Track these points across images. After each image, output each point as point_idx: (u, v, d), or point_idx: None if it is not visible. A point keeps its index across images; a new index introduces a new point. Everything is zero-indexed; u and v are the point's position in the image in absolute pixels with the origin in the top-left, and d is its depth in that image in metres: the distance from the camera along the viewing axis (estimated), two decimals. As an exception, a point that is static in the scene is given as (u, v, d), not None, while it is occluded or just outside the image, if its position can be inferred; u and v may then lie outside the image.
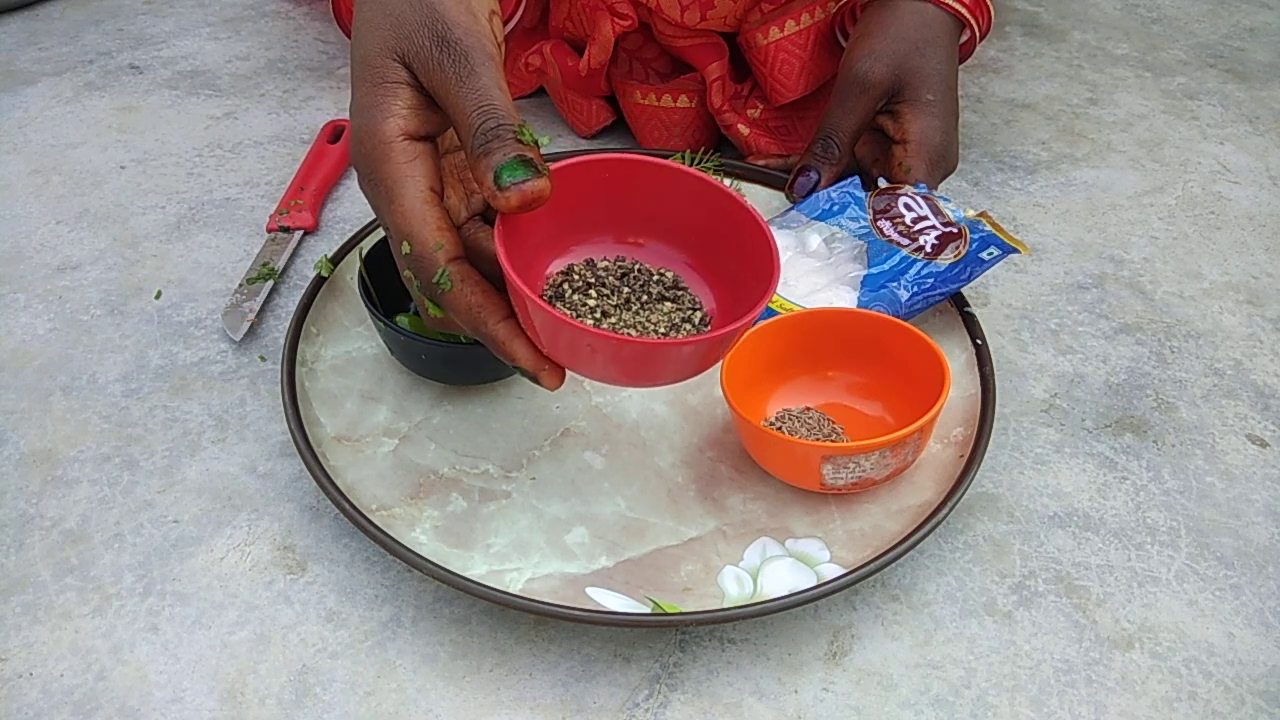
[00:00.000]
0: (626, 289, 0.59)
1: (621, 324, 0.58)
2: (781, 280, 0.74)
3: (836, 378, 0.71)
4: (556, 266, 0.60)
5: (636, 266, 0.60)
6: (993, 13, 0.85)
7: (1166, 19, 1.19)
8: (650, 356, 0.54)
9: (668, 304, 0.59)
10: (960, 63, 0.84)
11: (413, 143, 0.56)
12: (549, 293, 0.58)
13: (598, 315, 0.58)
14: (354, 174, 0.91)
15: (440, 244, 0.54)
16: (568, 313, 0.57)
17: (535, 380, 0.55)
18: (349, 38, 0.60)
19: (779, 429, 0.67)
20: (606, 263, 0.60)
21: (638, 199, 0.60)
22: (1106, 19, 1.19)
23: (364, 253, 0.72)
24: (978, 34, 0.85)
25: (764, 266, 0.56)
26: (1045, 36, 1.16)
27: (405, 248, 0.54)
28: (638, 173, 0.59)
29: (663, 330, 0.58)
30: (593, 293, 0.59)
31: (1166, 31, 1.17)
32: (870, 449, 0.62)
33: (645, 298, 0.59)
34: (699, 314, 0.59)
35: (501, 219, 0.54)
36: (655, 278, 0.60)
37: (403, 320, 0.72)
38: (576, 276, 0.59)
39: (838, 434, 0.68)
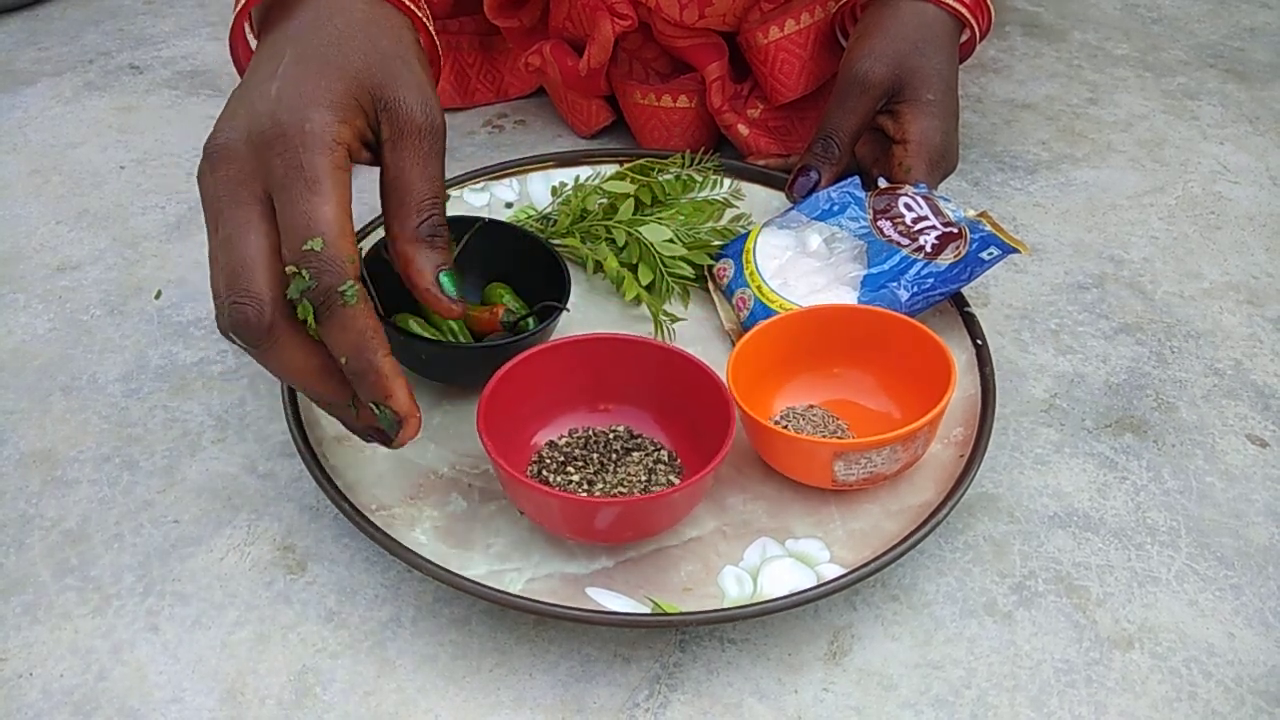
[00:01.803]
0: (596, 455, 0.65)
1: (607, 486, 0.64)
2: (781, 280, 0.74)
3: (841, 374, 0.71)
4: (539, 439, 0.67)
5: (591, 431, 0.67)
6: (993, 12, 0.85)
7: (1167, 19, 1.19)
8: (678, 501, 0.60)
9: (636, 453, 0.66)
10: (960, 62, 0.84)
11: (348, 158, 0.54)
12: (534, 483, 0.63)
13: (585, 486, 0.64)
14: (353, 174, 0.91)
15: (354, 258, 0.52)
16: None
17: (392, 428, 0.54)
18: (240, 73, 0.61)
19: (785, 427, 0.67)
20: (566, 438, 0.67)
21: (595, 372, 0.67)
22: (1107, 19, 1.19)
23: (362, 253, 0.72)
24: (978, 34, 0.85)
25: (720, 404, 0.63)
26: (1045, 36, 1.16)
27: (316, 244, 0.51)
28: (593, 350, 0.66)
29: (643, 477, 0.64)
30: (570, 469, 0.65)
31: (1167, 31, 1.17)
32: (881, 444, 0.62)
33: (614, 455, 0.66)
34: (664, 451, 0.66)
35: (484, 420, 0.59)
36: (611, 435, 0.67)
37: (405, 321, 0.72)
38: (548, 459, 0.65)
39: (843, 431, 0.68)
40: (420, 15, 0.61)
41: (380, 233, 0.76)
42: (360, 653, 0.59)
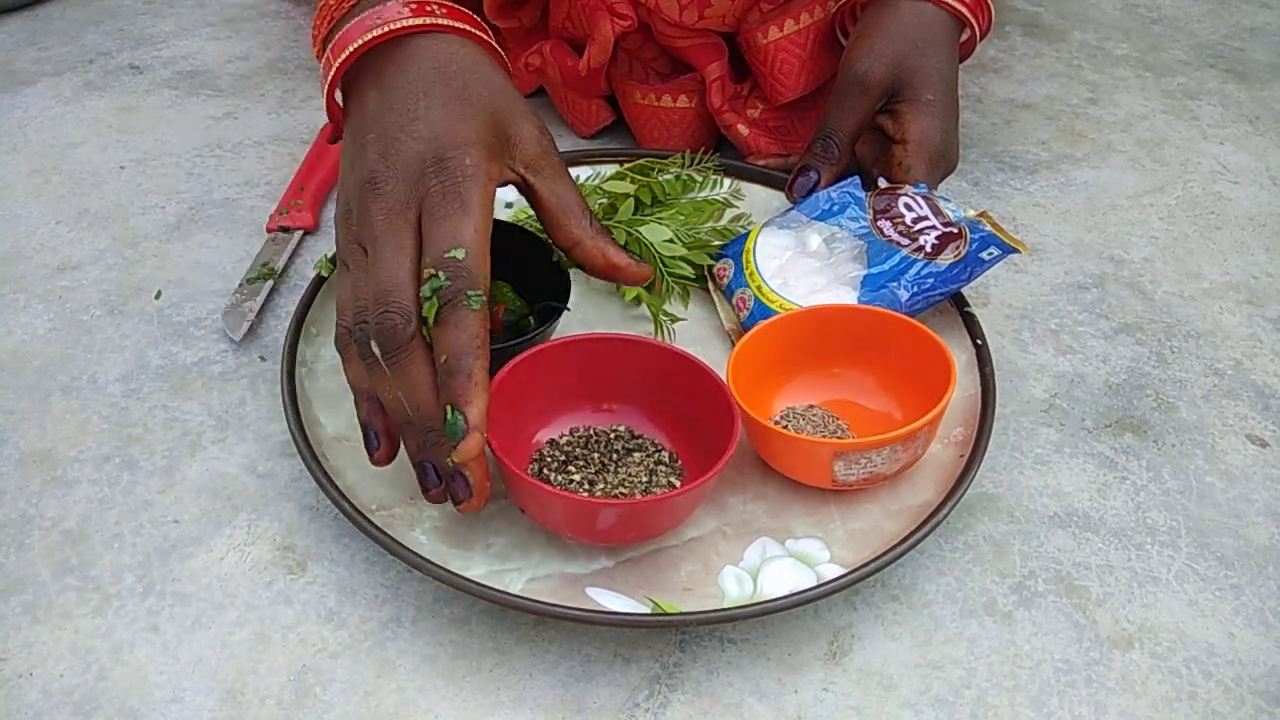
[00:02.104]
0: (596, 454, 0.66)
1: (609, 487, 0.64)
2: (781, 280, 0.74)
3: (841, 374, 0.71)
4: (540, 438, 0.67)
5: (592, 430, 0.67)
6: (993, 12, 0.85)
7: (1167, 19, 1.19)
8: (680, 504, 0.60)
9: (637, 454, 0.66)
10: (960, 62, 0.84)
11: (494, 191, 0.61)
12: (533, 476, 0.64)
13: (586, 486, 0.64)
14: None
15: (486, 275, 0.58)
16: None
17: (455, 436, 0.56)
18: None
19: (785, 427, 0.67)
20: (567, 436, 0.67)
21: (596, 372, 0.67)
22: (1107, 19, 1.19)
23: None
24: (978, 33, 0.85)
25: (722, 406, 0.63)
26: (1045, 36, 1.16)
27: (458, 254, 0.57)
28: (594, 349, 0.67)
29: (644, 478, 0.64)
30: (571, 468, 0.65)
31: (1167, 31, 1.17)
32: (881, 444, 0.62)
33: (615, 455, 0.66)
34: (665, 453, 0.66)
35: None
36: (613, 434, 0.67)
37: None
38: (549, 458, 0.66)
39: (843, 430, 0.68)
40: (499, 50, 0.68)
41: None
42: (360, 653, 0.59)
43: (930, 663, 0.60)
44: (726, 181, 0.85)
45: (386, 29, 0.63)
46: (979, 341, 0.73)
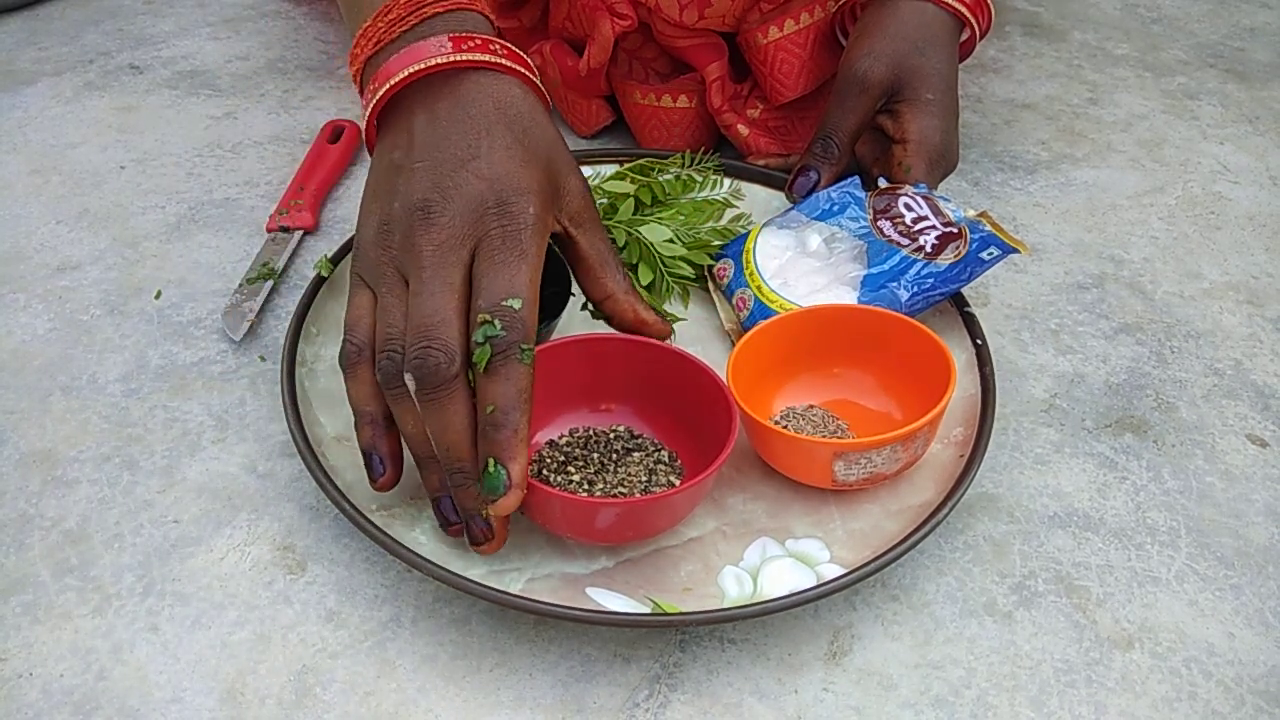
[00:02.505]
0: (596, 454, 0.66)
1: (608, 486, 0.64)
2: (781, 280, 0.74)
3: (841, 374, 0.71)
4: (539, 438, 0.67)
5: (592, 431, 0.67)
6: (993, 12, 0.85)
7: (1167, 19, 1.19)
8: (678, 502, 0.60)
9: (636, 454, 0.66)
10: (960, 62, 0.84)
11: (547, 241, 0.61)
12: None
13: (586, 486, 0.64)
14: (353, 175, 0.92)
15: (535, 328, 0.58)
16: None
17: (495, 491, 0.56)
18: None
19: (785, 427, 0.67)
20: (566, 437, 0.67)
21: (595, 372, 0.67)
22: (1107, 19, 1.19)
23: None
24: (978, 33, 0.85)
25: (721, 405, 0.63)
26: (1045, 36, 1.16)
27: (515, 304, 0.56)
28: (594, 349, 0.66)
29: (644, 478, 0.64)
30: (570, 469, 0.65)
31: (1167, 31, 1.17)
32: (881, 444, 0.62)
33: (614, 455, 0.66)
34: (665, 452, 0.66)
35: None
36: (612, 435, 0.67)
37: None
38: (548, 459, 0.65)
39: (843, 430, 0.68)
40: (546, 94, 0.66)
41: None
42: (360, 653, 0.59)
43: (930, 663, 0.60)
44: (726, 181, 0.85)
45: (448, 59, 0.61)
46: (979, 341, 0.73)
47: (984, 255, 0.73)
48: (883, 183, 0.78)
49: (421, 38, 0.62)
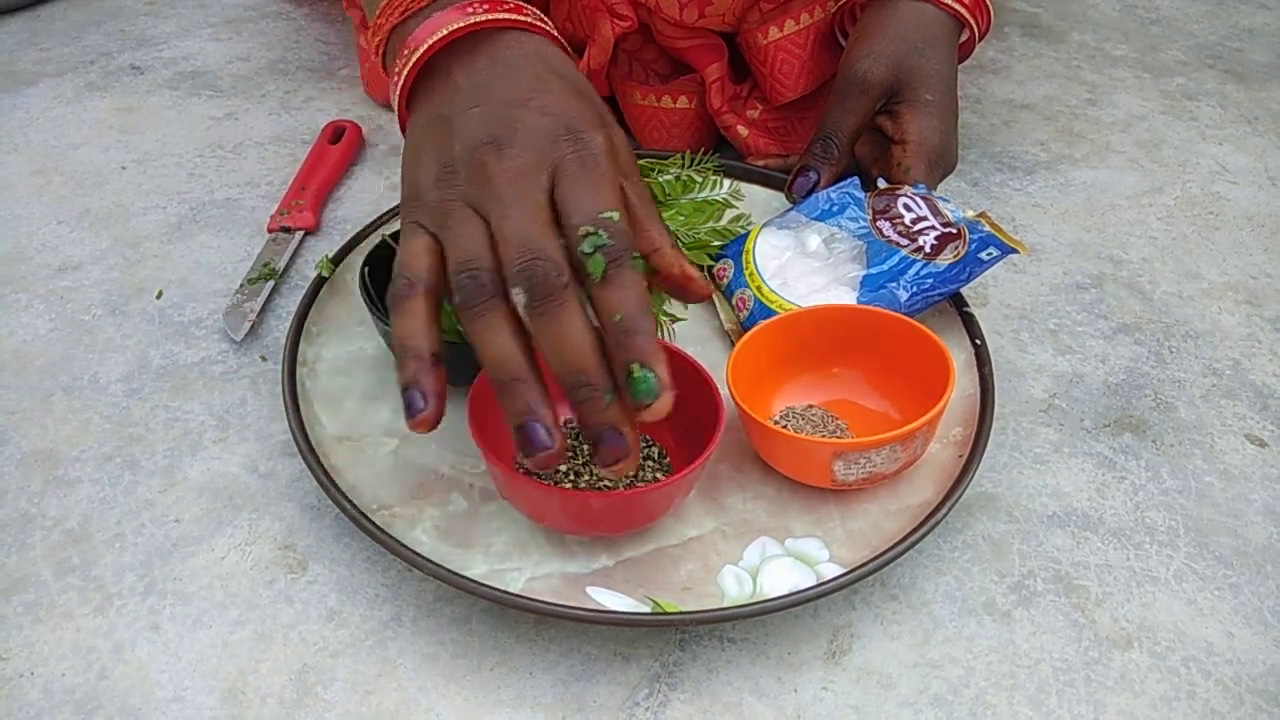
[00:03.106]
0: (586, 447, 0.66)
1: (594, 479, 0.64)
2: (781, 280, 0.74)
3: (840, 374, 0.71)
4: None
5: None
6: (992, 13, 0.85)
7: (1165, 20, 1.20)
8: (656, 498, 0.61)
9: None
10: (960, 63, 0.85)
11: None
12: (520, 471, 0.63)
13: (571, 478, 0.64)
14: (354, 176, 0.92)
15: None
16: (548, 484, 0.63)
17: (650, 395, 0.53)
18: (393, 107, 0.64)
19: (784, 427, 0.67)
20: None
21: None
22: (1105, 20, 1.19)
23: (366, 253, 0.72)
24: (977, 34, 0.85)
25: (710, 404, 0.63)
26: (1044, 37, 1.16)
27: (613, 215, 0.54)
28: None
29: (630, 473, 0.63)
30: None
31: (1165, 32, 1.17)
32: (881, 444, 0.62)
33: None
34: (655, 449, 0.67)
35: (471, 405, 0.61)
36: None
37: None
38: None
39: (842, 430, 0.68)
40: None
41: (378, 236, 0.76)
42: (361, 652, 0.60)
43: (929, 662, 0.60)
44: (726, 182, 0.86)
45: (487, 17, 0.60)
46: (978, 341, 0.73)
47: (983, 255, 0.73)
48: (882, 183, 0.78)
49: (451, 3, 0.61)
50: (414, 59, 0.61)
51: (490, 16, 0.60)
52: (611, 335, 0.53)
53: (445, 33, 0.60)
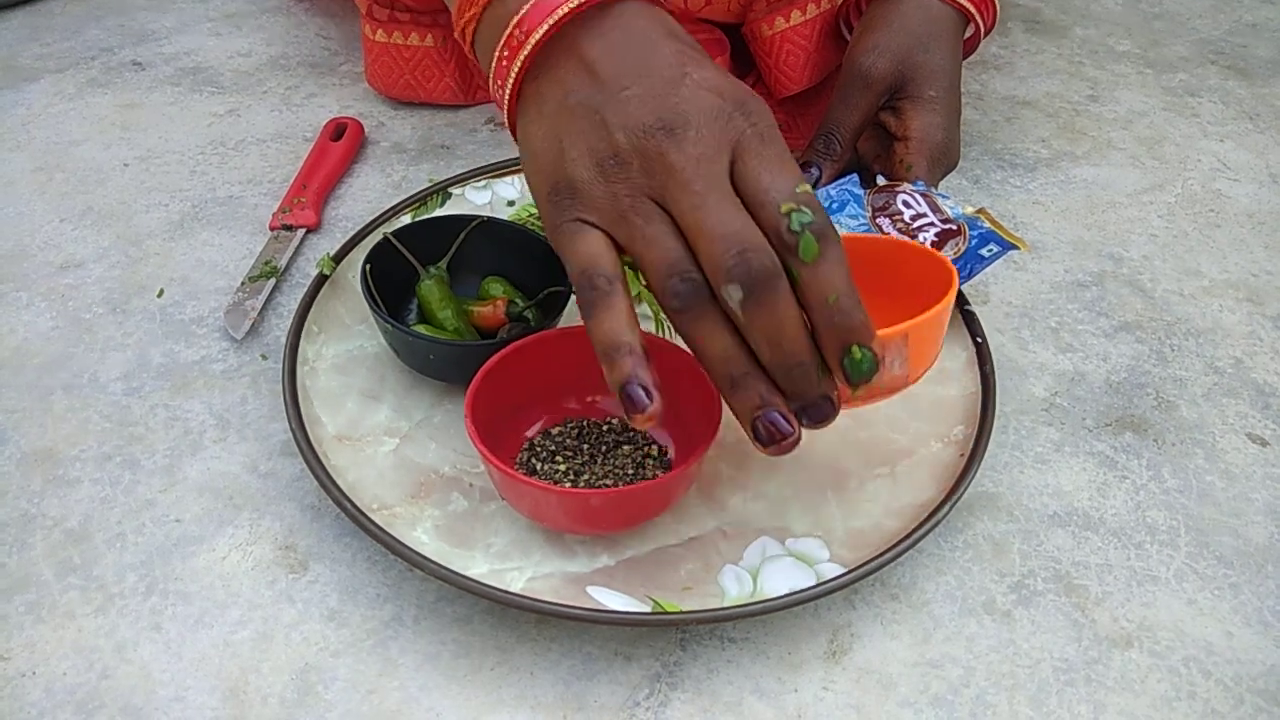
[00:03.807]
0: (587, 445, 0.67)
1: (595, 477, 0.65)
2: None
3: None
4: (529, 433, 0.68)
5: (586, 422, 0.68)
6: (998, 7, 0.84)
7: (1168, 15, 1.19)
8: (652, 495, 0.61)
9: (626, 446, 0.67)
10: (965, 58, 0.84)
11: None
12: (520, 470, 0.64)
13: (571, 477, 0.65)
14: (356, 173, 0.92)
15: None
16: (548, 484, 0.63)
17: (870, 372, 0.53)
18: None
19: None
20: (560, 427, 0.68)
21: (593, 362, 0.64)
22: (1108, 15, 1.19)
23: (368, 251, 0.72)
24: (982, 29, 0.84)
25: (708, 401, 0.62)
26: (1046, 33, 1.15)
27: (805, 188, 0.52)
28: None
29: (631, 471, 0.65)
30: (559, 459, 0.66)
31: (1168, 28, 1.17)
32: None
33: (604, 447, 0.67)
34: (655, 446, 0.67)
35: (470, 405, 0.60)
36: (605, 427, 0.68)
37: (419, 328, 0.72)
38: (539, 448, 0.66)
39: None
40: None
41: (379, 235, 0.76)
42: (362, 651, 0.60)
43: (929, 661, 0.60)
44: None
45: None
46: (979, 340, 0.73)
47: (983, 252, 0.73)
48: (881, 180, 0.78)
49: None
50: (534, 39, 0.56)
51: None
52: (826, 316, 0.52)
53: (568, 9, 0.55)
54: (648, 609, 0.60)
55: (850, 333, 0.52)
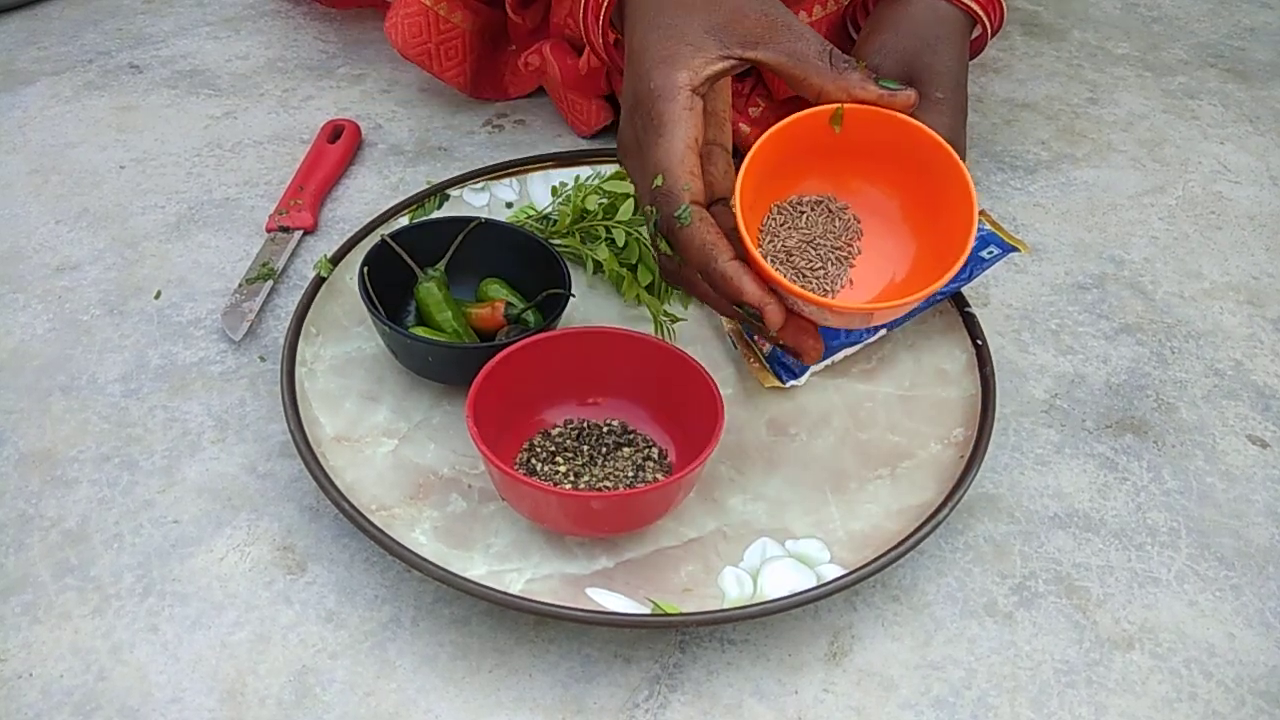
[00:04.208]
0: (587, 447, 0.66)
1: (594, 479, 0.64)
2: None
3: (873, 193, 0.63)
4: (529, 434, 0.68)
5: (586, 424, 0.68)
6: (1005, 9, 0.84)
7: (1167, 18, 1.19)
8: (654, 498, 0.61)
9: (626, 449, 0.67)
10: (971, 59, 0.84)
11: (695, 95, 0.60)
12: (520, 470, 0.64)
13: (571, 478, 0.64)
14: (353, 175, 0.92)
15: (689, 186, 0.58)
16: (547, 485, 0.63)
17: (753, 321, 0.57)
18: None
19: (802, 213, 0.62)
20: (560, 429, 0.68)
21: (593, 364, 0.68)
22: (1107, 18, 1.19)
23: (365, 253, 0.72)
24: (990, 30, 0.84)
25: (709, 404, 0.63)
26: (1045, 36, 1.15)
27: (657, 181, 0.58)
28: (590, 342, 0.68)
29: (630, 473, 0.65)
30: (559, 460, 0.66)
31: (1167, 31, 1.17)
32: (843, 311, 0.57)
33: (604, 449, 0.66)
34: (655, 449, 0.67)
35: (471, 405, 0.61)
36: (605, 429, 0.68)
37: (418, 330, 0.71)
38: (539, 449, 0.66)
39: (854, 222, 0.62)
40: None
41: (378, 235, 0.76)
42: (360, 653, 0.59)
43: (930, 663, 0.60)
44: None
45: None
46: (979, 342, 0.73)
47: (984, 254, 0.73)
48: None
49: None
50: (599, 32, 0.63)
51: None
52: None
53: None
54: (647, 611, 0.59)
55: (725, 296, 0.57)
